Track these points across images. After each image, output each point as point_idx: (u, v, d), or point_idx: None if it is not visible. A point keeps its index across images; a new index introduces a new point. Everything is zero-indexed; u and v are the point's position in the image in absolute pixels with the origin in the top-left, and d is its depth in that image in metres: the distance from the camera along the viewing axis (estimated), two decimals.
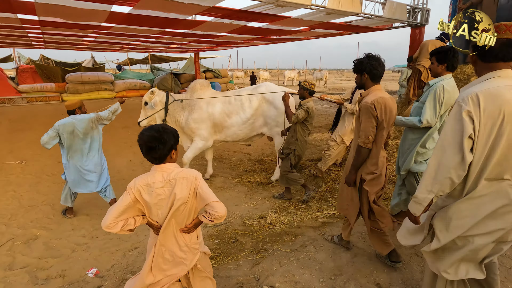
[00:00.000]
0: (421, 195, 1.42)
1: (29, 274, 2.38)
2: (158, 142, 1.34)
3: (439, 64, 2.29)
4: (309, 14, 5.69)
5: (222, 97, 4.16)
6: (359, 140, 2.00)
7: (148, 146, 1.34)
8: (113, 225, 1.33)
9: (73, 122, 3.03)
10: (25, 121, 8.51)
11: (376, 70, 2.01)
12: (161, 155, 1.37)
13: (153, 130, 1.35)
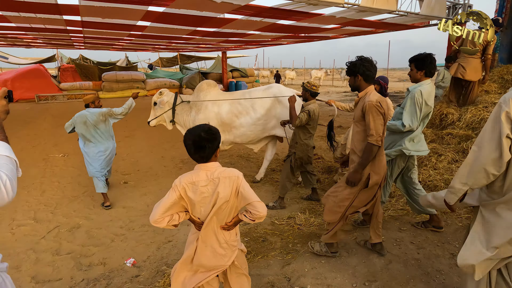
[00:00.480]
0: (456, 186, 1.52)
1: (74, 260, 2.56)
2: (207, 142, 1.38)
3: (418, 71, 2.46)
4: (342, 12, 5.57)
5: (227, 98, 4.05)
6: (370, 139, 2.01)
7: (197, 146, 1.39)
8: (160, 220, 1.40)
9: (86, 114, 3.47)
10: (66, 117, 9.09)
11: (369, 71, 2.07)
12: (209, 154, 1.41)
13: (200, 130, 1.40)
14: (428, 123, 4.71)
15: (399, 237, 2.73)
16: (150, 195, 3.91)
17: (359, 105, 2.14)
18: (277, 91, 4.07)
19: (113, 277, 2.34)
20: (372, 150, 2.03)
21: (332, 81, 26.40)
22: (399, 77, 38.46)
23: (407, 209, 3.29)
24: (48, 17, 5.52)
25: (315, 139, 6.69)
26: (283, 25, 6.87)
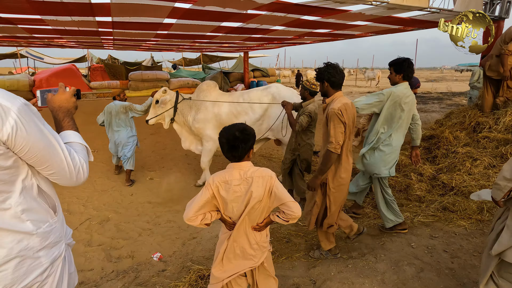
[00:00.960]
0: (501, 183, 1.59)
1: (104, 252, 2.66)
2: (241, 142, 1.38)
3: (397, 74, 2.58)
4: (369, 9, 5.42)
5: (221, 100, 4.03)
6: (329, 146, 2.04)
7: (230, 145, 1.40)
8: (194, 218, 1.41)
9: (112, 105, 4.24)
10: (96, 114, 9.52)
11: (334, 78, 2.10)
12: (242, 154, 1.41)
13: (235, 129, 1.40)
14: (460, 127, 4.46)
15: (431, 244, 2.60)
16: (174, 192, 3.99)
17: (325, 111, 2.17)
18: (276, 90, 4.00)
19: (141, 270, 2.41)
20: (330, 157, 2.05)
21: (355, 81, 25.77)
22: (427, 77, 36.86)
23: (438, 215, 3.14)
24: (82, 20, 5.80)
25: None
26: (308, 21, 6.77)
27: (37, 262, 0.97)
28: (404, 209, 3.33)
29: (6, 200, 0.90)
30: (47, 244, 1.00)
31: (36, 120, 0.93)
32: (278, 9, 5.67)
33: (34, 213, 0.97)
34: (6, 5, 4.49)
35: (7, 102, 0.86)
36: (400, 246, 2.61)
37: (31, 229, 0.95)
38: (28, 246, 0.94)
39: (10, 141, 0.86)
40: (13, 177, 0.91)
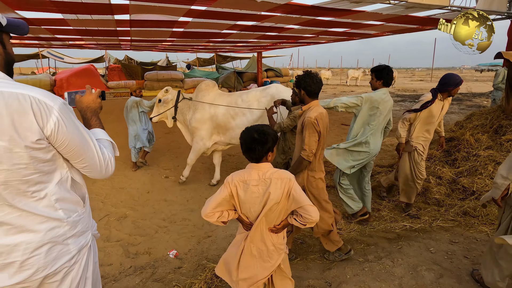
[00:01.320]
0: (499, 181, 1.73)
1: (123, 247, 2.73)
2: (258, 144, 1.39)
3: (377, 80, 2.71)
4: (387, 9, 5.31)
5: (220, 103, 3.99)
6: (302, 153, 2.10)
7: (247, 147, 1.41)
8: (211, 215, 1.43)
9: (128, 100, 4.78)
10: (113, 113, 9.80)
11: (310, 87, 2.13)
12: (259, 156, 1.42)
13: (254, 131, 1.41)
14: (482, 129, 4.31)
15: (451, 250, 2.53)
16: (189, 190, 4.05)
17: (301, 118, 2.20)
18: (275, 91, 3.94)
19: (157, 267, 2.45)
20: (302, 163, 2.12)
21: None
22: None
23: (458, 220, 3.05)
24: (101, 18, 5.97)
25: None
26: (322, 21, 6.72)
27: (66, 248, 1.04)
28: (421, 213, 3.26)
29: (43, 189, 0.98)
30: (75, 232, 1.07)
31: (74, 118, 1.02)
32: (293, 11, 5.66)
33: (66, 203, 1.04)
34: (32, 3, 4.68)
35: (50, 101, 0.94)
36: (418, 250, 2.55)
37: (63, 217, 1.03)
38: (59, 233, 1.02)
39: (52, 136, 0.95)
40: (51, 169, 1.00)
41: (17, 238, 0.95)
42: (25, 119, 0.89)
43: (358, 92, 17.02)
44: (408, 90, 18.34)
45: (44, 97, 0.93)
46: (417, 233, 2.84)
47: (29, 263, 0.97)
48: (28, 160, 0.92)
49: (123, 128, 7.61)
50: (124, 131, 7.32)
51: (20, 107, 0.88)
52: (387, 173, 4.33)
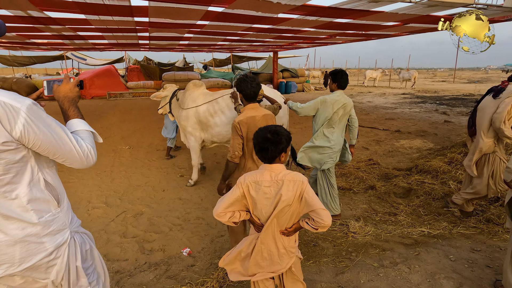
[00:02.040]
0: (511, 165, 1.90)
1: (138, 244, 2.80)
2: (270, 144, 1.39)
3: (333, 83, 3.02)
4: (406, 8, 5.16)
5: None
6: (228, 155, 2.18)
7: (260, 147, 1.41)
8: (223, 215, 1.44)
9: None
10: (132, 113, 10.07)
11: (245, 92, 2.16)
12: (271, 156, 1.42)
13: (267, 131, 1.41)
14: None
15: (472, 258, 2.42)
16: (203, 190, 4.10)
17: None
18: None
19: (171, 264, 2.50)
20: (228, 165, 2.20)
21: (389, 81, 24.69)
22: (468, 78, 34.40)
23: (481, 227, 2.92)
24: (122, 19, 6.17)
25: (370, 143, 6.32)
26: (339, 23, 6.63)
27: (41, 246, 1.08)
28: (441, 219, 3.15)
29: (13, 190, 1.01)
30: (50, 231, 1.09)
31: (45, 117, 1.03)
32: (310, 13, 5.60)
33: (38, 204, 1.07)
34: (57, 4, 4.90)
35: (16, 103, 0.95)
36: (437, 257, 2.46)
37: (34, 218, 1.05)
38: (31, 233, 1.05)
39: (23, 138, 0.97)
40: (21, 170, 1.02)
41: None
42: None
43: (375, 94, 16.64)
44: (429, 91, 17.73)
45: (10, 99, 0.94)
46: (436, 240, 2.74)
47: (2, 259, 1.01)
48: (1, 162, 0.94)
49: (140, 128, 7.82)
50: (141, 131, 7.52)
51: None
52: (405, 177, 4.21)
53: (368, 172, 4.58)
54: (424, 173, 4.19)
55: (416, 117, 9.34)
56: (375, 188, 4.03)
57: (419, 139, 6.53)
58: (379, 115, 9.66)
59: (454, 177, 3.85)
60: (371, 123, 8.38)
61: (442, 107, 11.10)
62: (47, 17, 5.75)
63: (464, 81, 27.94)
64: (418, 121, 8.61)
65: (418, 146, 6.07)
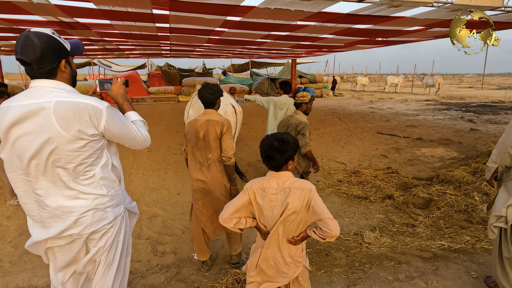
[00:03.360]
0: (489, 164, 1.98)
1: (151, 245, 2.86)
2: (277, 152, 1.38)
3: (280, 90, 4.41)
4: (430, 13, 5.01)
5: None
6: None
7: (266, 155, 1.40)
8: (228, 220, 1.44)
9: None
10: (152, 117, 10.38)
11: (201, 99, 2.28)
12: (278, 164, 1.41)
13: (273, 139, 1.40)
14: None
15: None
16: None
17: None
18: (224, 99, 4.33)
19: (182, 267, 2.53)
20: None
21: (411, 88, 23.92)
22: (498, 84, 32.68)
23: None
24: (144, 25, 6.43)
25: (389, 151, 6.12)
26: (359, 29, 6.54)
27: (106, 215, 1.36)
28: (463, 232, 2.98)
29: (92, 170, 1.31)
30: (112, 203, 1.39)
31: (118, 114, 1.35)
32: (328, 20, 5.57)
33: (107, 181, 1.36)
34: (84, 12, 5.20)
35: (99, 105, 1.27)
36: (457, 274, 2.33)
37: (104, 191, 1.35)
38: (101, 202, 1.34)
39: (105, 131, 1.29)
40: (99, 156, 1.33)
41: (74, 202, 1.29)
42: (85, 119, 1.23)
43: (397, 100, 16.17)
44: (455, 98, 17.00)
45: (96, 103, 1.27)
46: (457, 254, 2.60)
47: (80, 221, 1.30)
48: (86, 148, 1.26)
49: (159, 131, 8.04)
50: (160, 134, 7.73)
51: (82, 111, 1.22)
52: (425, 187, 4.04)
53: (386, 180, 4.43)
54: (446, 183, 4.00)
55: (440, 124, 8.97)
56: (393, 197, 3.90)
57: (442, 148, 6.25)
58: (400, 122, 9.37)
59: (478, 188, 3.65)
60: (391, 130, 8.14)
61: (468, 115, 10.60)
62: (76, 22, 6.10)
63: (493, 87, 26.56)
64: (442, 129, 8.26)
65: (441, 154, 5.81)
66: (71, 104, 1.20)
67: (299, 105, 3.11)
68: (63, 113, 1.18)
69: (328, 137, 7.51)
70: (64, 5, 4.79)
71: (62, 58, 1.26)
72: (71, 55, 1.32)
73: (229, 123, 2.24)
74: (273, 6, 4.49)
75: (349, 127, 8.69)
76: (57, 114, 1.18)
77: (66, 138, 1.20)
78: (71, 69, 1.32)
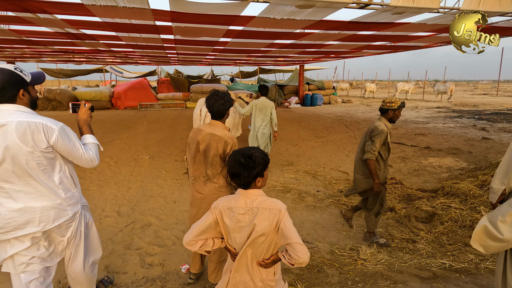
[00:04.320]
0: (495, 186, 1.73)
1: (140, 256, 2.80)
2: (243, 169, 1.30)
3: (259, 92, 5.03)
4: (436, 18, 4.87)
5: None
6: None
7: (232, 172, 1.32)
8: (193, 243, 1.36)
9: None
10: (158, 123, 10.47)
11: (210, 108, 2.13)
12: (245, 182, 1.33)
13: (240, 155, 1.32)
14: None
15: None
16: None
17: None
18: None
19: (168, 280, 2.46)
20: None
21: (422, 94, 23.42)
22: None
23: None
24: (149, 37, 6.51)
25: (395, 160, 5.93)
26: (364, 35, 6.44)
27: (65, 212, 1.68)
28: (467, 250, 2.81)
29: (51, 176, 1.62)
30: (70, 203, 1.71)
31: (69, 134, 1.63)
32: (331, 27, 5.50)
33: (64, 185, 1.67)
34: (90, 24, 5.31)
35: (53, 125, 1.56)
36: None
37: (62, 194, 1.66)
38: (60, 203, 1.65)
39: (55, 145, 1.57)
40: (54, 164, 1.63)
41: (37, 203, 1.58)
42: (39, 136, 1.51)
43: (407, 107, 15.82)
44: (467, 105, 16.51)
45: (51, 123, 1.56)
46: (458, 275, 2.44)
47: (43, 219, 1.60)
48: (42, 158, 1.55)
49: (163, 138, 8.07)
50: (163, 141, 7.75)
51: (37, 129, 1.51)
52: (429, 199, 3.86)
53: (388, 192, 4.27)
54: (452, 196, 3.81)
55: (450, 133, 8.68)
56: (394, 210, 3.74)
57: (450, 157, 6.02)
58: (408, 130, 9.12)
59: (485, 203, 3.45)
60: (398, 139, 7.92)
61: (481, 123, 10.24)
62: (82, 33, 6.23)
63: (509, 94, 25.71)
64: (452, 137, 7.99)
65: (449, 165, 5.59)
66: (30, 123, 1.50)
67: (385, 112, 2.84)
68: (22, 130, 1.48)
69: (333, 145, 7.37)
70: (70, 19, 4.92)
71: (21, 88, 1.55)
72: (31, 85, 1.61)
73: (234, 141, 2.06)
74: (272, 15, 4.46)
75: (355, 135, 8.51)
76: (18, 131, 1.47)
77: (25, 150, 1.49)
78: (30, 96, 1.60)
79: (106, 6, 4.01)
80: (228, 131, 2.15)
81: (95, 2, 3.83)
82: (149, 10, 4.19)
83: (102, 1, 3.81)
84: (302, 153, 6.65)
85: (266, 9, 4.14)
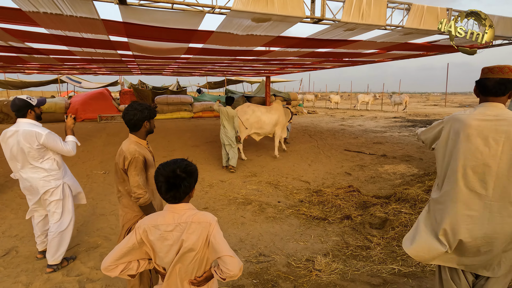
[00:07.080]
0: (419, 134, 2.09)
1: (79, 283, 2.54)
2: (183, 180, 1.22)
3: (225, 102, 6.08)
4: (384, 36, 5.22)
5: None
6: None
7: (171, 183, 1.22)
8: (112, 268, 1.23)
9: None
10: (119, 136, 9.95)
11: (123, 118, 2.07)
12: (183, 194, 1.26)
13: (176, 166, 1.24)
14: None
15: None
16: None
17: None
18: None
19: None
20: None
21: (381, 105, 24.98)
22: (460, 102, 34.97)
23: None
24: (105, 52, 6.19)
25: (354, 169, 6.15)
26: (322, 52, 6.72)
27: (50, 183, 2.64)
28: None
29: (42, 162, 2.58)
30: (54, 178, 2.66)
31: (53, 136, 2.56)
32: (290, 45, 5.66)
33: (51, 167, 2.63)
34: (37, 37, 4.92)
35: (42, 132, 2.51)
36: None
37: (50, 172, 2.63)
38: (46, 176, 2.62)
39: (43, 144, 2.52)
40: (44, 154, 2.59)
41: (37, 174, 2.59)
42: (32, 138, 2.48)
43: (367, 117, 16.73)
44: (420, 115, 17.86)
45: (41, 131, 2.51)
46: (406, 279, 2.51)
47: (39, 185, 2.61)
48: (36, 151, 2.52)
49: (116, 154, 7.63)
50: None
51: (31, 135, 2.48)
52: (383, 205, 4.01)
53: (346, 200, 4.38)
54: (403, 202, 4.00)
55: (405, 141, 9.26)
56: (351, 218, 3.82)
57: (403, 164, 6.38)
58: (368, 139, 9.58)
59: None
60: (358, 147, 8.27)
61: None
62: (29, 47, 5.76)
63: (455, 105, 28.31)
64: (406, 145, 8.52)
65: (402, 171, 5.91)
66: (28, 131, 2.47)
67: None
68: (25, 135, 2.47)
69: (296, 155, 7.48)
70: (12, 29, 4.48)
71: (29, 108, 2.54)
72: (37, 106, 2.61)
73: (133, 156, 1.89)
74: (230, 30, 4.45)
75: (318, 145, 8.75)
76: (22, 135, 2.47)
77: (26, 146, 2.48)
78: (35, 113, 2.59)
79: (51, 15, 3.73)
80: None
81: (37, 9, 3.56)
82: (99, 20, 3.96)
83: (44, 8, 3.55)
84: (266, 164, 6.65)
85: (223, 22, 4.13)
